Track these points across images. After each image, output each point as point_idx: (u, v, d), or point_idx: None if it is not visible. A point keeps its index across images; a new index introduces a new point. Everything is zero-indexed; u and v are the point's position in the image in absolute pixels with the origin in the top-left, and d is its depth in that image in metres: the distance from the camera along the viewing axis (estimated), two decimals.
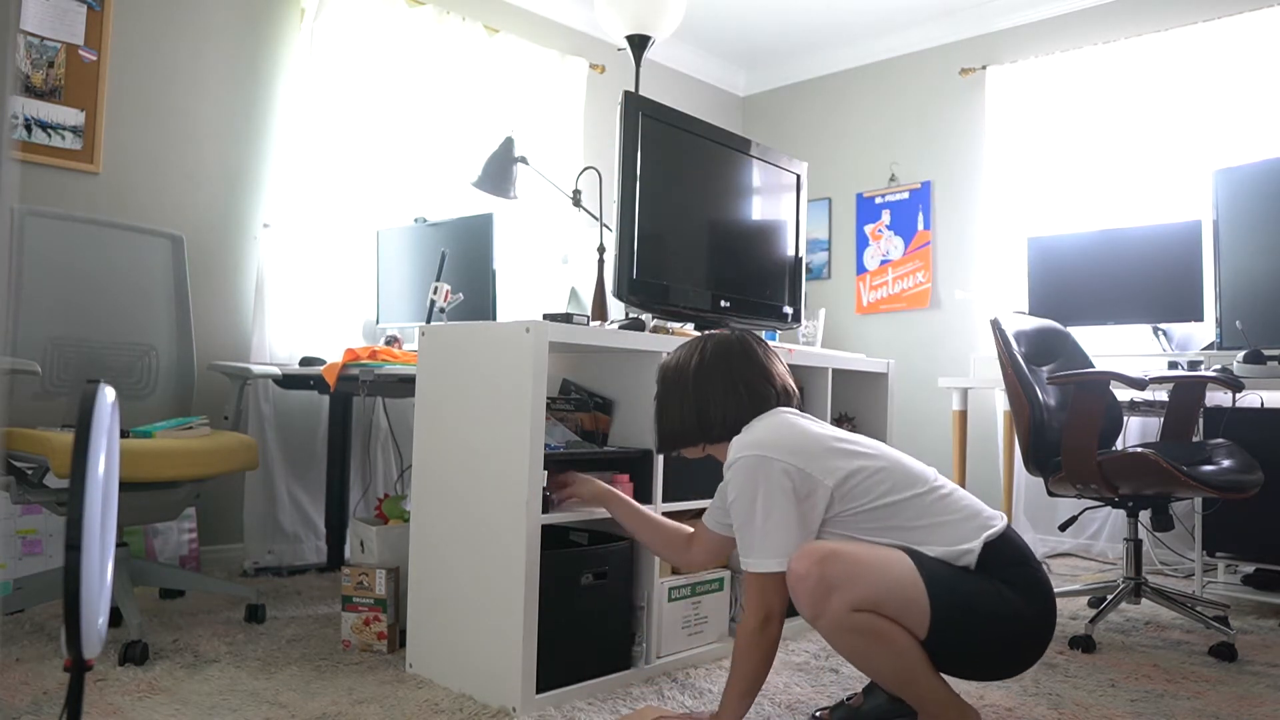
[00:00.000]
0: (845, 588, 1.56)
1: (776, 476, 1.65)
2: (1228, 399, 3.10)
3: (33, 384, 2.40)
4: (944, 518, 1.66)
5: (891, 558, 1.61)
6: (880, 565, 1.59)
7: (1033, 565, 1.68)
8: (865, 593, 1.56)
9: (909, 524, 1.67)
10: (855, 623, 1.57)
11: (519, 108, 4.12)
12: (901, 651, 1.59)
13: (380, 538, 2.38)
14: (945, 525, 1.66)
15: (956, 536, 1.65)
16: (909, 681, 1.61)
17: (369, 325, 3.57)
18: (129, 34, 3.07)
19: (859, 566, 1.58)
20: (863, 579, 1.57)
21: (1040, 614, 1.66)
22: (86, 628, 0.98)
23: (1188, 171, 3.81)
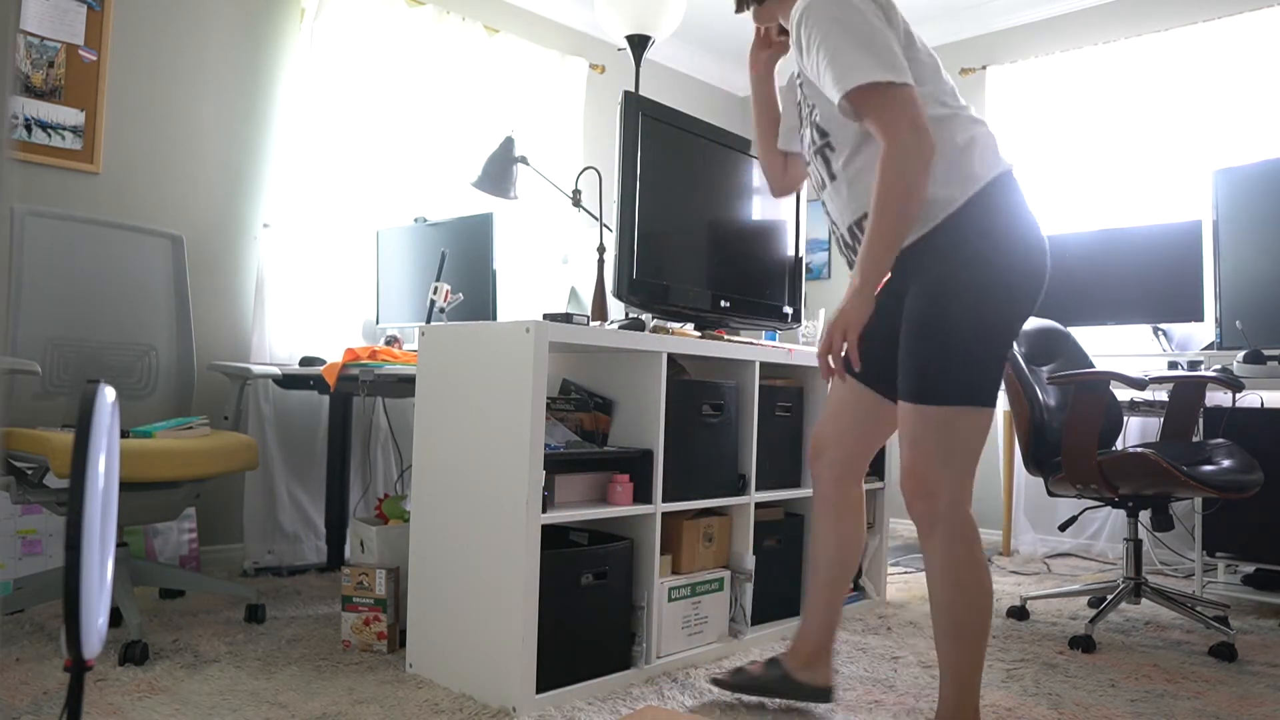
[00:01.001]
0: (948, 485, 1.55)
1: (892, 12, 1.55)
2: (1228, 399, 3.10)
3: (33, 384, 2.40)
4: (977, 138, 1.60)
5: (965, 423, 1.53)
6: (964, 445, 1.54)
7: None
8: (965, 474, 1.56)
9: (956, 131, 1.58)
10: (966, 534, 1.55)
11: (519, 108, 4.12)
12: (988, 593, 1.58)
13: (380, 538, 2.38)
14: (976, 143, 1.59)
15: (987, 160, 1.58)
16: (982, 632, 1.58)
17: (369, 325, 3.57)
18: (129, 34, 3.07)
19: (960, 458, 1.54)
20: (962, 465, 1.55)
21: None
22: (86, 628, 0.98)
23: (1188, 171, 3.81)
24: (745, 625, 2.41)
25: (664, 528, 2.25)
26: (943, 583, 1.58)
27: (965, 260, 1.53)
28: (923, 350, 1.54)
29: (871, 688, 2.11)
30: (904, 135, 1.46)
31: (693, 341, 2.25)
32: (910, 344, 1.56)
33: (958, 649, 1.59)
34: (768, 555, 2.57)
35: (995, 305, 1.53)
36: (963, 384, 1.52)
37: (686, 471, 2.26)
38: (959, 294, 1.53)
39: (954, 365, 1.52)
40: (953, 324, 1.52)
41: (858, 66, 1.48)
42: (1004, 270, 1.54)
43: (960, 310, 1.52)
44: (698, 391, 2.31)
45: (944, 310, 1.53)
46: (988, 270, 1.53)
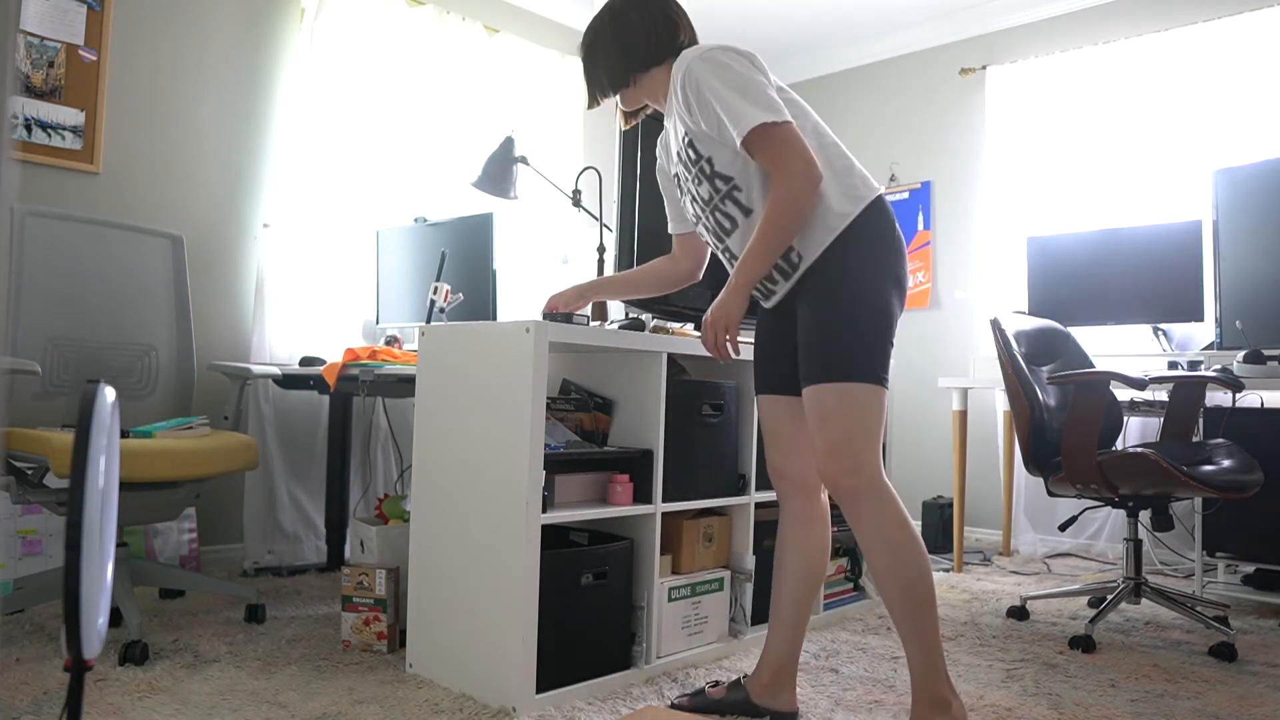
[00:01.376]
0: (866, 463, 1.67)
1: (731, 56, 1.71)
2: (1228, 399, 3.10)
3: (33, 384, 2.40)
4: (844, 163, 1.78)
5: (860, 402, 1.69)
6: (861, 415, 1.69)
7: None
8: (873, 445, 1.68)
9: (833, 158, 1.77)
10: (890, 506, 1.67)
11: (519, 108, 4.12)
12: (923, 551, 1.68)
13: (380, 538, 2.38)
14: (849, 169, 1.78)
15: (859, 184, 1.77)
16: (928, 590, 1.67)
17: (369, 325, 3.57)
18: (129, 34, 3.07)
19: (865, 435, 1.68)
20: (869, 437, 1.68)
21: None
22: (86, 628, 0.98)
23: (1188, 171, 3.81)
24: (745, 625, 2.41)
25: (664, 528, 2.25)
26: (879, 549, 1.66)
27: (862, 260, 1.71)
28: (827, 337, 1.69)
29: (871, 688, 2.11)
30: (794, 165, 1.65)
31: (693, 341, 2.25)
32: (815, 334, 1.71)
33: (911, 612, 1.66)
34: (768, 555, 2.57)
35: (885, 296, 1.71)
36: (864, 363, 1.67)
37: (686, 471, 2.26)
38: (855, 287, 1.69)
39: (857, 346, 1.67)
40: (852, 312, 1.69)
41: (745, 113, 1.66)
42: (891, 268, 1.73)
43: (857, 300, 1.69)
44: (698, 391, 2.31)
45: (842, 302, 1.69)
46: (879, 267, 1.72)
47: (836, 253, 1.72)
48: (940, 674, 1.67)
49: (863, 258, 1.71)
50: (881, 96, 4.98)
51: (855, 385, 1.67)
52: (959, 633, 2.63)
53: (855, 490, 1.66)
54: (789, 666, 1.89)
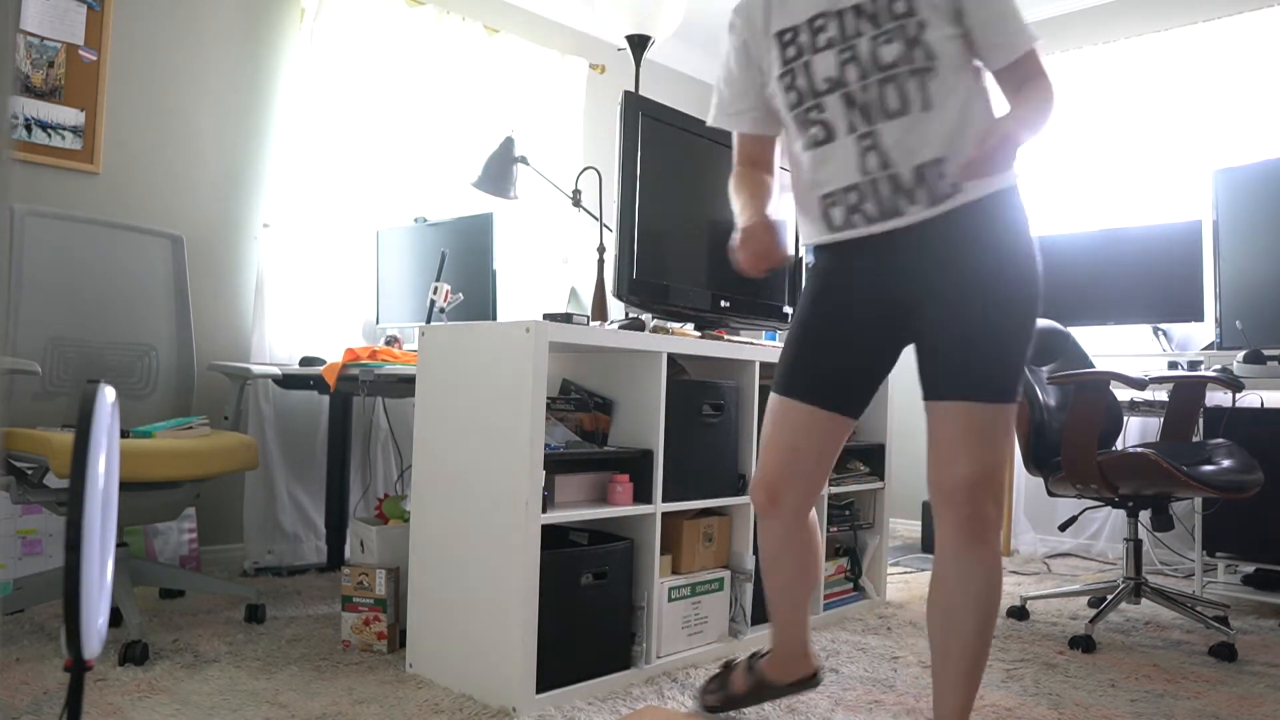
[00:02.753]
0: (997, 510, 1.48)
1: None
2: (1228, 399, 3.10)
3: (33, 384, 2.40)
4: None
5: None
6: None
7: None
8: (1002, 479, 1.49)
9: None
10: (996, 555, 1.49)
11: (519, 108, 4.12)
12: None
13: (380, 538, 2.38)
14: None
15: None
16: (988, 648, 1.53)
17: (369, 325, 3.57)
18: (129, 34, 3.07)
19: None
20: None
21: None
22: (86, 628, 0.98)
23: (1188, 171, 3.81)
24: (745, 625, 2.41)
25: (664, 528, 2.25)
26: (985, 582, 1.48)
27: (1030, 241, 1.49)
28: (999, 343, 1.45)
29: (871, 688, 2.11)
30: (1054, 91, 1.53)
31: (693, 341, 2.25)
32: (983, 334, 1.45)
33: (984, 654, 1.51)
34: None
35: (1037, 294, 1.50)
36: (1018, 379, 1.48)
37: (686, 471, 2.26)
38: (1027, 274, 1.47)
39: (1022, 356, 1.47)
40: (1025, 309, 1.47)
41: (1027, 29, 1.54)
42: (1032, 254, 1.51)
43: (1028, 295, 1.47)
44: (698, 391, 2.31)
45: (1018, 295, 1.46)
46: (1029, 261, 1.49)
47: (1006, 217, 1.47)
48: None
49: (1020, 232, 1.48)
50: None
51: (1010, 407, 1.47)
52: None
53: (993, 523, 1.47)
54: (802, 646, 1.84)
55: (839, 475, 2.81)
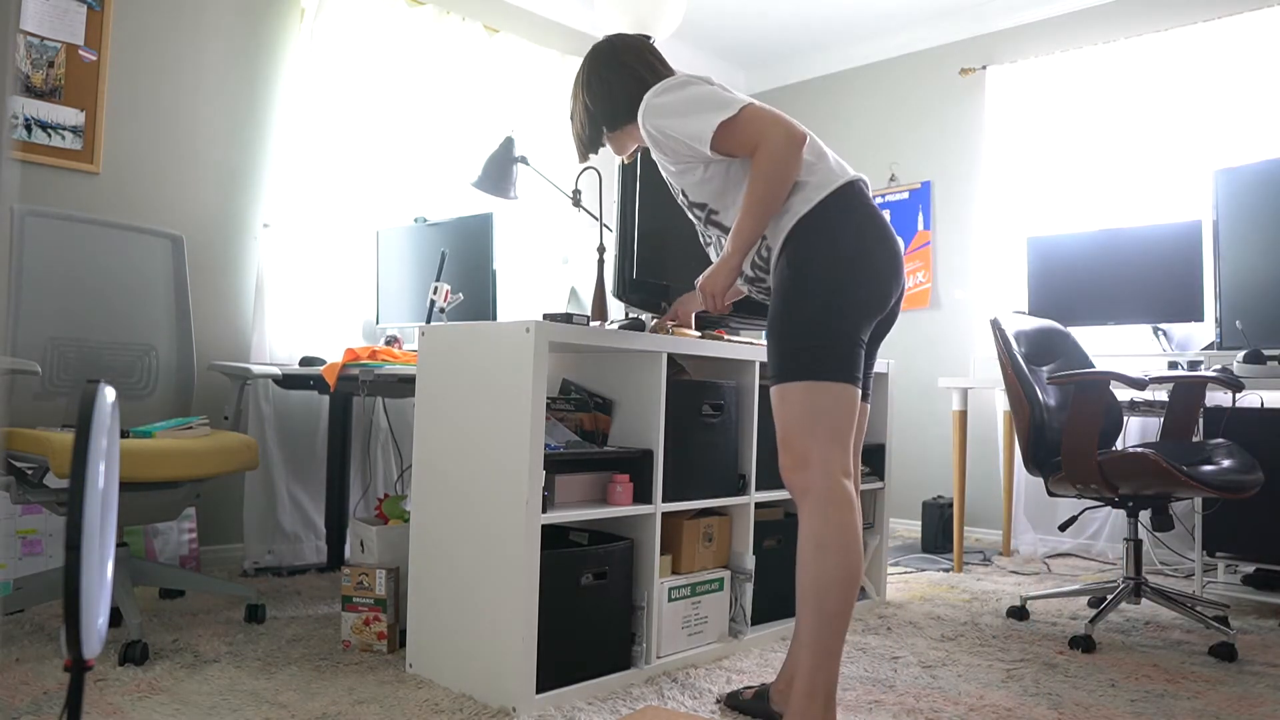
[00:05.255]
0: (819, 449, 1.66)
1: (667, 90, 1.78)
2: (1228, 399, 3.10)
3: (33, 384, 2.40)
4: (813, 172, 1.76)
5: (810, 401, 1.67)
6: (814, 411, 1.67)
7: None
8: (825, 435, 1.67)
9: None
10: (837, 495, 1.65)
11: (519, 108, 4.12)
12: (854, 562, 1.64)
13: (380, 538, 2.38)
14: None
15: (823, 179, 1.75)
16: (845, 600, 1.63)
17: (369, 325, 3.57)
18: (129, 34, 3.07)
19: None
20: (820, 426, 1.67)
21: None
22: (86, 628, 0.98)
23: (1188, 171, 3.81)
24: (745, 625, 2.41)
25: (664, 528, 2.25)
26: (809, 545, 1.63)
27: (819, 251, 1.69)
28: (771, 334, 1.71)
29: (871, 688, 2.11)
30: (770, 132, 1.67)
31: (693, 341, 2.25)
32: (767, 331, 1.73)
33: (816, 621, 1.61)
34: (767, 555, 2.57)
35: (843, 290, 1.67)
36: (806, 364, 1.66)
37: (686, 471, 2.26)
38: (805, 282, 1.68)
39: (798, 346, 1.67)
40: (798, 309, 1.68)
41: (702, 125, 1.70)
42: (855, 257, 1.69)
43: (805, 297, 1.68)
44: (698, 391, 2.31)
45: (791, 297, 1.69)
46: (838, 260, 1.68)
47: (796, 242, 1.71)
48: (817, 699, 1.60)
49: (821, 248, 1.69)
50: (881, 96, 4.98)
51: (794, 385, 1.67)
52: (959, 633, 2.63)
53: (803, 485, 1.66)
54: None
55: None
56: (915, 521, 4.64)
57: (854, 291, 1.67)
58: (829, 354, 1.66)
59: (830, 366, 1.65)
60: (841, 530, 1.62)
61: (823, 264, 1.68)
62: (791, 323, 1.68)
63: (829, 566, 1.62)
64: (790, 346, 1.68)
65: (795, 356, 1.67)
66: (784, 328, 1.69)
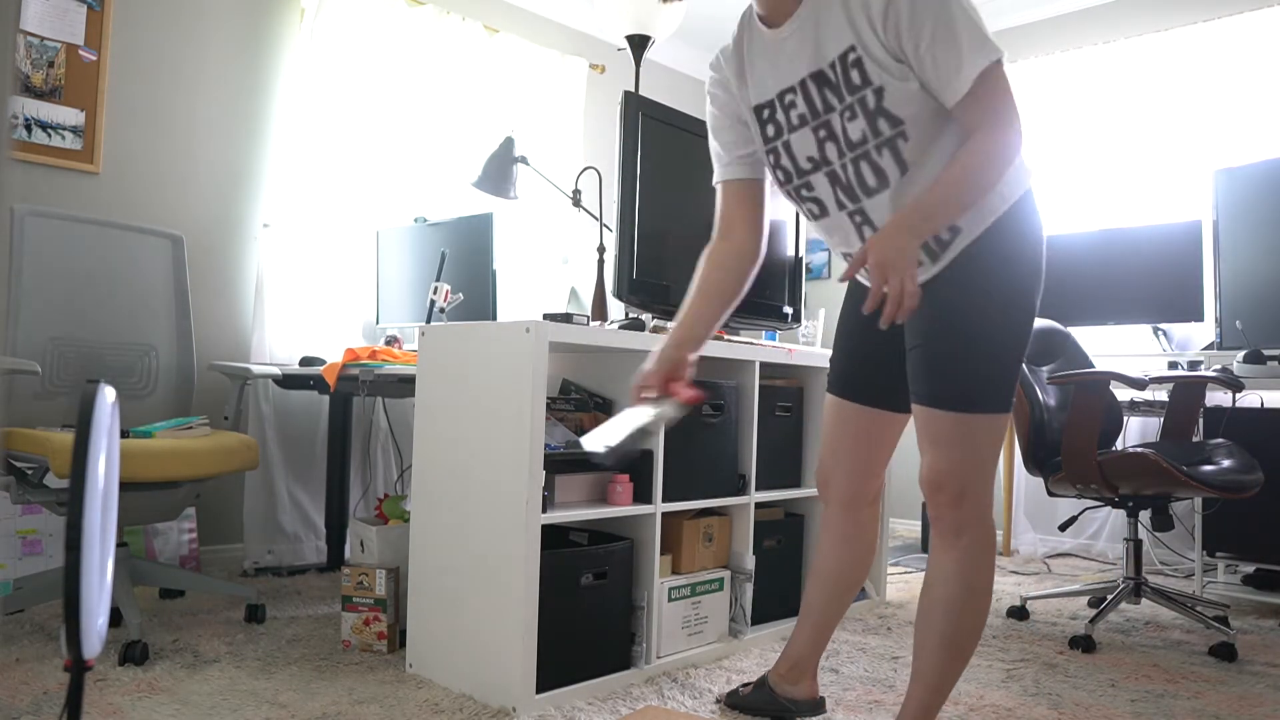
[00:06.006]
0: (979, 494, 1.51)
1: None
2: (1228, 399, 3.10)
3: (33, 384, 2.40)
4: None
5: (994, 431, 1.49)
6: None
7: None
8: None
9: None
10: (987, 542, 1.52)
11: (519, 108, 4.12)
12: (989, 604, 1.55)
13: (380, 538, 2.38)
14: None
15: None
16: (976, 640, 1.55)
17: (369, 325, 3.57)
18: (129, 34, 3.07)
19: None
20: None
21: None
22: (86, 628, 0.98)
23: (1188, 171, 3.81)
24: (745, 625, 2.41)
25: (664, 528, 2.25)
26: (956, 584, 1.51)
27: (1016, 260, 1.47)
28: (960, 357, 1.46)
29: (871, 688, 2.11)
30: (1014, 119, 1.36)
31: None
32: (943, 348, 1.47)
33: (949, 655, 1.53)
34: (768, 555, 2.57)
35: (1032, 307, 1.49)
36: (995, 392, 1.47)
37: (686, 471, 2.26)
38: (1004, 295, 1.46)
39: (992, 371, 1.46)
40: (995, 328, 1.46)
41: (988, 43, 1.34)
42: (1040, 273, 1.50)
43: (1003, 313, 1.46)
44: None
45: (987, 312, 1.46)
46: (1031, 271, 1.48)
47: (999, 237, 1.46)
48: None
49: (1018, 257, 1.46)
50: None
51: (980, 416, 1.46)
52: None
53: (959, 524, 1.50)
54: (809, 660, 1.88)
55: None
56: (915, 521, 4.64)
57: (1036, 303, 1.49)
58: (1015, 380, 1.49)
59: (1012, 395, 1.48)
60: (990, 576, 1.53)
61: (1021, 273, 1.45)
62: (995, 341, 1.44)
63: (979, 610, 1.52)
64: (990, 369, 1.45)
65: (995, 382, 1.45)
66: (983, 345, 1.44)
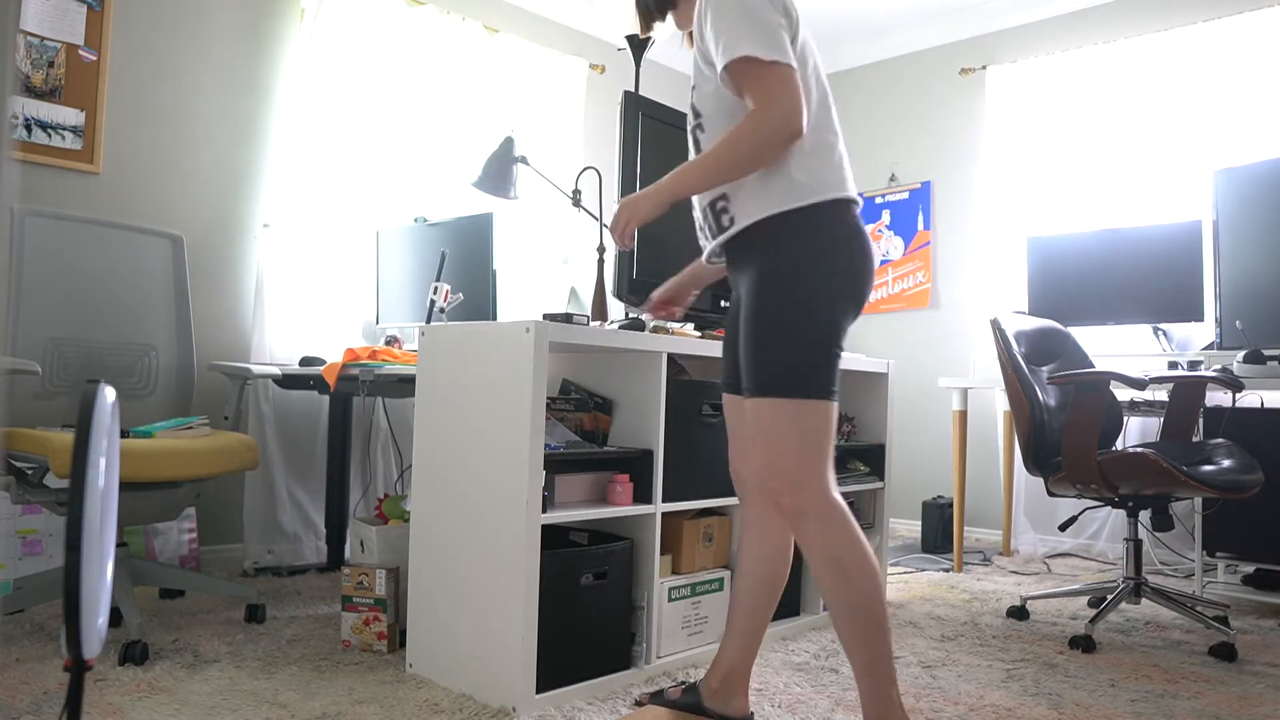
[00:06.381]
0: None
1: (769, 4, 1.57)
2: (1228, 399, 3.10)
3: (33, 384, 2.40)
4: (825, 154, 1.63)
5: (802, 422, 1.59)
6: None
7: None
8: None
9: (823, 133, 1.63)
10: (835, 515, 1.58)
11: (519, 108, 4.12)
12: (874, 572, 1.58)
13: (380, 538, 2.38)
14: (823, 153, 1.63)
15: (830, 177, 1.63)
16: (880, 613, 1.57)
17: (369, 325, 3.57)
18: (129, 34, 3.07)
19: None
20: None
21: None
22: (86, 628, 0.98)
23: (1188, 171, 3.81)
24: None
25: (664, 528, 2.25)
26: (826, 569, 1.57)
27: (817, 262, 1.58)
28: (765, 346, 1.59)
29: None
30: (778, 104, 1.50)
31: (693, 341, 2.25)
32: (752, 340, 1.60)
33: (861, 637, 1.56)
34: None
35: (837, 313, 1.59)
36: (804, 379, 1.58)
37: (686, 471, 2.26)
38: (803, 294, 1.57)
39: (796, 360, 1.57)
40: (796, 321, 1.57)
41: (744, 40, 1.53)
42: (852, 287, 1.60)
43: (804, 309, 1.57)
44: (698, 391, 2.31)
45: (786, 307, 1.58)
46: (836, 278, 1.59)
47: (785, 239, 1.58)
48: (894, 703, 1.57)
49: (819, 260, 1.58)
50: (881, 96, 4.98)
51: (792, 402, 1.56)
52: (959, 633, 2.63)
53: (798, 509, 1.58)
54: (741, 673, 1.84)
55: (839, 475, 2.81)
56: (915, 521, 4.64)
57: (841, 302, 1.59)
58: (820, 370, 1.57)
59: (821, 383, 1.57)
60: (852, 542, 1.56)
61: (814, 269, 1.57)
62: (781, 331, 1.57)
63: (857, 580, 1.55)
64: (780, 358, 1.57)
65: (787, 370, 1.57)
66: (771, 335, 1.58)
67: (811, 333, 1.57)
